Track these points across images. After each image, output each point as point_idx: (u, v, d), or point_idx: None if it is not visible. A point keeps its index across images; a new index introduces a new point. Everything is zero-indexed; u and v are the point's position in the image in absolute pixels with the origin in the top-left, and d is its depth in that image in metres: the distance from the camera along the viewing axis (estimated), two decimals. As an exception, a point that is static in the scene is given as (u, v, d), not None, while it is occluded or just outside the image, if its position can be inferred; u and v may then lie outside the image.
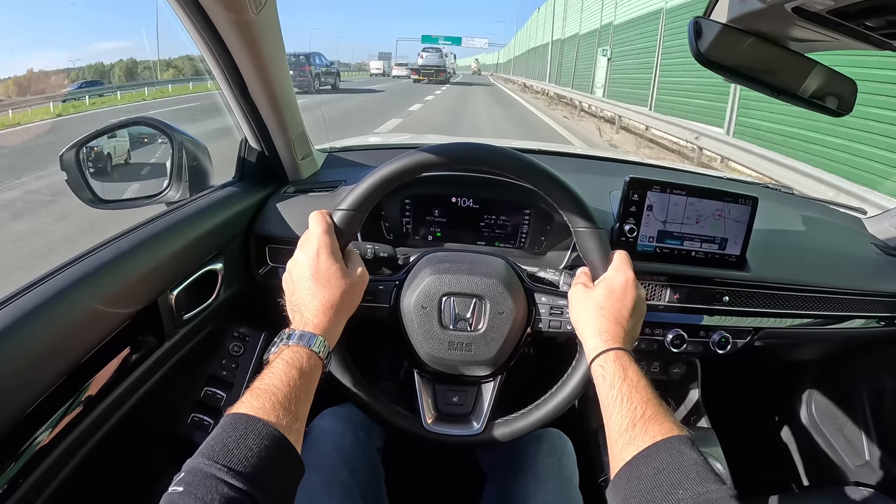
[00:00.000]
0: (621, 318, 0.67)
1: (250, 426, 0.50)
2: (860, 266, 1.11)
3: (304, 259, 0.66)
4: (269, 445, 0.49)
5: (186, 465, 0.47)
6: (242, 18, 0.69)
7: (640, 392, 0.59)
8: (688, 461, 0.51)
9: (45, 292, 0.60)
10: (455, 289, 0.75)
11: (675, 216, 0.94)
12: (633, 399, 0.58)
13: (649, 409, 0.57)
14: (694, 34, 0.79)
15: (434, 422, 0.78)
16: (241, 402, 0.53)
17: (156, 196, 0.95)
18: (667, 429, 0.55)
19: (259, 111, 0.88)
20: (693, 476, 0.50)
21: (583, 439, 1.05)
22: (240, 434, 0.49)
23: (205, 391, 0.93)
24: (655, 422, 0.56)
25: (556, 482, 0.82)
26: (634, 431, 0.56)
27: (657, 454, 0.53)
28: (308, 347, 0.60)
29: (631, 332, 0.68)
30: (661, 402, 0.59)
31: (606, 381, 0.62)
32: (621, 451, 0.56)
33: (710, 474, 0.50)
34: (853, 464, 1.24)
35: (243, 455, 0.47)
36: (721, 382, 1.26)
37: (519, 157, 0.72)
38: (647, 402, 0.58)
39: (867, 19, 0.63)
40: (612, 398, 0.60)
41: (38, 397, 0.58)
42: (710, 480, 0.49)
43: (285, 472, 0.52)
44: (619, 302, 0.68)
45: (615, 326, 0.67)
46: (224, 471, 0.46)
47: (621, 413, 0.58)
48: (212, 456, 0.47)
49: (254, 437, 0.49)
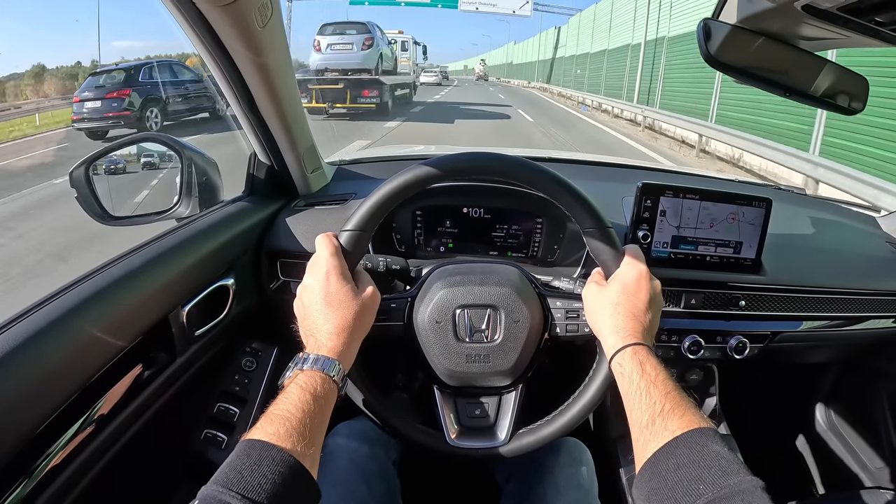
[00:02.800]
0: (638, 313, 0.66)
1: (265, 453, 0.50)
2: (875, 266, 1.09)
3: (314, 283, 0.65)
4: (284, 472, 0.49)
5: (201, 493, 0.47)
6: (249, 32, 0.69)
7: (658, 386, 0.58)
8: (709, 454, 0.50)
9: (56, 309, 0.60)
10: (468, 300, 0.74)
11: (689, 221, 0.93)
12: (652, 394, 0.58)
13: (669, 403, 0.56)
14: (703, 36, 0.79)
15: (458, 436, 0.76)
16: (256, 428, 0.53)
17: (166, 212, 0.95)
18: (687, 422, 0.54)
19: (268, 125, 0.88)
20: (715, 469, 0.49)
21: (602, 448, 1.04)
22: (254, 461, 0.49)
23: (218, 407, 0.93)
24: (675, 415, 0.55)
25: (574, 492, 0.81)
26: (654, 427, 0.55)
27: (677, 449, 0.52)
28: (323, 372, 0.59)
29: (649, 325, 0.67)
30: (682, 395, 0.58)
31: (625, 378, 0.61)
32: (643, 447, 0.55)
33: (733, 466, 0.49)
34: (873, 466, 1.22)
35: (258, 482, 0.47)
36: (739, 387, 1.24)
37: (522, 163, 0.71)
38: (666, 395, 0.57)
39: (877, 14, 0.63)
40: (631, 394, 0.59)
41: (50, 415, 0.58)
42: (732, 473, 0.48)
43: (300, 499, 0.51)
44: (634, 296, 0.67)
45: (632, 322, 0.65)
46: (238, 498, 0.45)
47: (641, 409, 0.57)
48: (226, 483, 0.47)
49: (268, 464, 0.49)
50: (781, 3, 0.67)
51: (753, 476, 0.48)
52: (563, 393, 0.77)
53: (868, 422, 1.24)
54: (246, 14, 0.66)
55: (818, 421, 1.35)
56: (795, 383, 1.41)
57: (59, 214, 4.17)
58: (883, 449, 1.21)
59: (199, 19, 0.67)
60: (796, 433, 1.41)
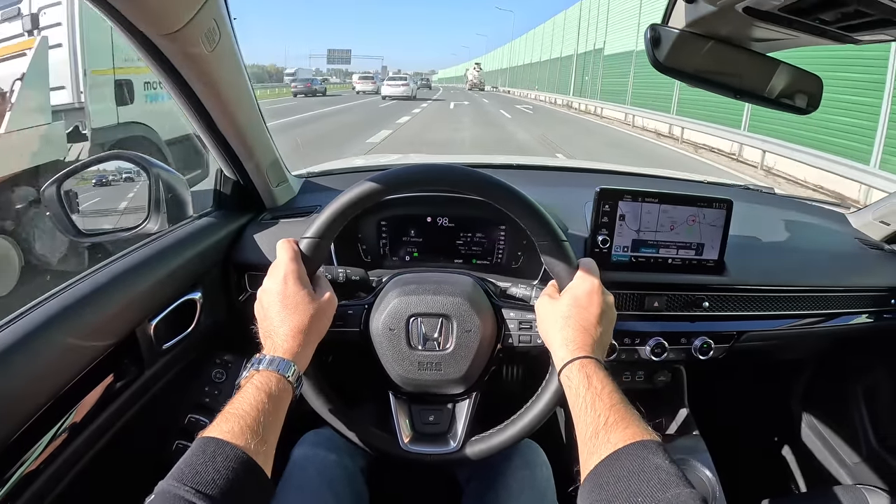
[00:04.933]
0: (588, 326, 0.67)
1: (219, 449, 0.51)
2: (844, 262, 1.10)
3: (273, 286, 0.68)
4: (237, 468, 0.51)
5: (158, 488, 0.49)
6: (198, 57, 0.70)
7: (604, 399, 0.59)
8: (650, 467, 0.51)
9: (23, 327, 0.61)
10: (421, 309, 0.75)
11: (649, 224, 0.94)
12: (597, 407, 0.58)
13: (613, 416, 0.57)
14: (651, 42, 0.79)
15: (411, 441, 0.78)
16: (212, 426, 0.55)
17: (134, 228, 0.97)
18: (630, 434, 0.55)
19: (228, 142, 0.90)
20: (654, 482, 0.49)
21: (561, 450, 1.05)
22: (208, 457, 0.51)
23: (188, 418, 0.95)
24: (619, 428, 0.56)
25: (529, 494, 0.82)
26: (598, 440, 0.56)
27: (618, 461, 0.53)
28: (277, 372, 0.61)
29: (600, 339, 0.67)
30: (627, 408, 0.59)
31: (572, 391, 0.62)
32: (587, 459, 0.56)
33: (672, 479, 0.50)
34: (851, 462, 1.22)
35: (211, 478, 0.49)
36: (711, 387, 1.25)
37: (473, 175, 0.73)
38: (610, 408, 0.58)
39: (820, 14, 0.63)
40: (578, 407, 0.60)
41: (22, 425, 0.59)
42: (671, 485, 0.49)
43: (253, 495, 0.53)
44: (585, 310, 0.68)
45: (582, 335, 0.66)
46: (192, 493, 0.47)
47: (586, 422, 0.58)
48: (181, 478, 0.48)
49: (222, 460, 0.50)
50: (723, 7, 0.67)
51: (693, 489, 0.49)
52: (521, 400, 0.79)
53: (844, 418, 1.25)
54: (192, 40, 0.67)
55: (793, 417, 1.35)
56: (770, 382, 1.41)
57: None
58: (860, 445, 1.21)
59: (149, 45, 0.68)
60: (773, 432, 1.41)
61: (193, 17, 0.63)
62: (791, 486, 1.34)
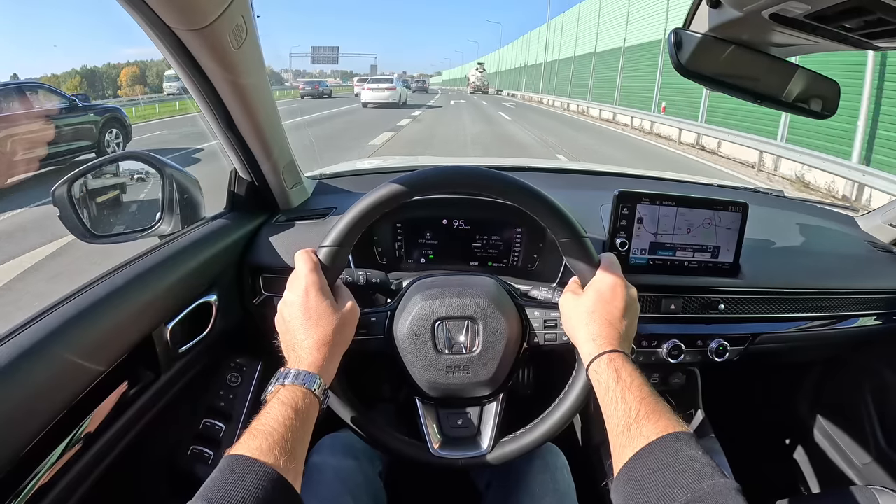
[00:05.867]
0: (613, 320, 0.67)
1: (248, 467, 0.50)
2: (854, 265, 1.11)
3: (294, 299, 0.66)
4: (267, 486, 0.50)
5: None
6: (224, 54, 0.69)
7: (634, 392, 0.59)
8: (683, 458, 0.51)
9: (39, 331, 0.60)
10: (446, 313, 0.75)
11: (666, 227, 0.95)
12: (628, 400, 0.58)
13: (644, 409, 0.57)
14: (674, 46, 0.79)
15: (441, 446, 0.77)
16: (239, 443, 0.53)
17: (148, 229, 0.95)
18: (662, 427, 0.55)
19: (246, 142, 0.89)
20: (689, 473, 0.49)
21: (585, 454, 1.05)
22: (237, 476, 0.49)
23: (203, 423, 0.93)
24: (650, 421, 0.56)
25: (551, 498, 0.82)
26: (630, 433, 0.56)
27: (651, 454, 0.53)
28: (304, 386, 0.60)
29: (626, 332, 0.67)
30: (657, 400, 0.59)
31: (602, 385, 0.62)
32: (619, 452, 0.56)
33: (707, 469, 0.50)
34: (861, 462, 1.23)
35: (241, 497, 0.48)
36: (723, 389, 1.25)
37: (494, 175, 0.72)
38: (641, 401, 0.58)
39: (844, 21, 0.64)
40: (608, 401, 0.60)
41: (37, 434, 0.58)
42: (706, 476, 0.49)
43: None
44: (610, 304, 0.68)
45: (608, 329, 0.66)
46: None
47: (617, 416, 0.58)
48: (210, 499, 0.47)
49: (251, 479, 0.49)
50: (749, 13, 0.68)
51: (728, 478, 0.49)
52: (545, 400, 0.78)
53: (854, 419, 1.26)
54: (220, 36, 0.66)
55: (803, 419, 1.36)
56: (780, 382, 1.42)
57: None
58: (869, 445, 1.22)
59: (174, 41, 0.67)
60: (783, 433, 1.42)
61: (223, 13, 0.62)
62: (801, 488, 1.35)
